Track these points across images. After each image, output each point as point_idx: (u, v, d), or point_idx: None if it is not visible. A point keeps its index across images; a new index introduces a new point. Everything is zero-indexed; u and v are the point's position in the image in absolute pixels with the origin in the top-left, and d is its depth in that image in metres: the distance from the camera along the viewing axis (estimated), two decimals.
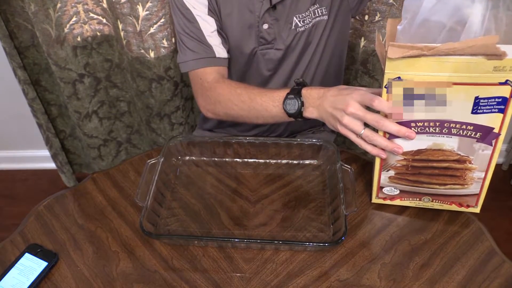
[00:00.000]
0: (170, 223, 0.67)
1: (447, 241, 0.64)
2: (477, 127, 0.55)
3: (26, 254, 0.62)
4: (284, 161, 0.77)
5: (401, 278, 0.59)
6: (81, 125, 1.24)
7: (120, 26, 1.02)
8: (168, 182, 0.72)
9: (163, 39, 1.04)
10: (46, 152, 1.38)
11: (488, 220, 0.62)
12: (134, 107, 1.27)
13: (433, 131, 0.57)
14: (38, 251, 0.62)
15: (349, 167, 0.67)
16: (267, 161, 0.77)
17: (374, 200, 0.68)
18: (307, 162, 0.77)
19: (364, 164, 0.77)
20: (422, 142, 0.59)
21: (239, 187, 0.73)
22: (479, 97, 0.53)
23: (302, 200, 0.70)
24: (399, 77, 0.53)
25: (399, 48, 0.51)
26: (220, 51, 0.80)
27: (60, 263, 0.62)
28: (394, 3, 0.96)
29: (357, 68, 1.10)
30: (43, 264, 0.61)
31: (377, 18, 0.98)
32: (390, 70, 0.53)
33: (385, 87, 0.54)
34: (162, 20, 1.01)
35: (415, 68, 0.52)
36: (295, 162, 0.77)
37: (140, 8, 0.98)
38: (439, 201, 0.65)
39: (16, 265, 0.61)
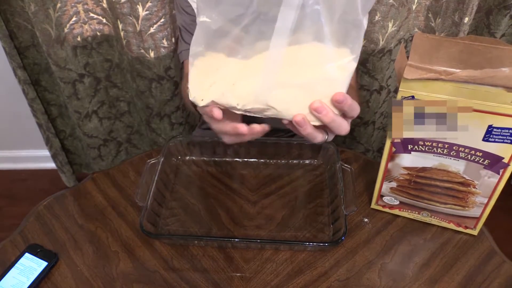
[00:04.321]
0: (170, 223, 0.67)
1: (447, 241, 0.64)
2: (486, 155, 0.54)
3: (26, 254, 0.62)
4: (284, 161, 0.77)
5: (401, 278, 0.59)
6: (81, 125, 1.24)
7: (120, 26, 1.02)
8: (168, 182, 0.72)
9: (163, 39, 1.04)
10: (46, 152, 1.38)
11: (488, 220, 0.62)
12: (134, 107, 1.27)
13: (441, 152, 0.56)
14: (38, 251, 0.62)
15: (349, 167, 0.67)
16: (267, 161, 0.77)
17: (373, 206, 0.68)
18: (307, 162, 0.77)
19: (364, 163, 0.77)
20: (428, 160, 0.58)
21: (239, 187, 0.73)
22: (493, 126, 0.51)
23: (302, 200, 0.70)
24: (412, 96, 0.53)
25: (417, 69, 0.50)
26: None
27: (60, 263, 0.62)
28: (394, 3, 0.96)
29: (357, 68, 1.10)
30: (43, 264, 0.61)
31: (377, 18, 0.98)
32: (404, 89, 0.52)
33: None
34: (162, 20, 1.01)
35: (430, 90, 0.51)
36: (295, 162, 0.77)
37: (140, 8, 0.98)
38: (438, 218, 0.65)
39: (16, 265, 0.61)
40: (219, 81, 0.47)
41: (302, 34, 0.44)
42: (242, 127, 0.47)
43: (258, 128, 0.48)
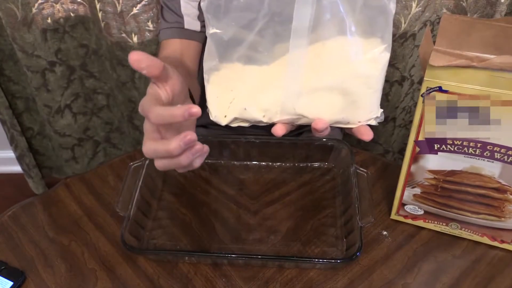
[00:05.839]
0: (157, 236, 0.67)
1: (479, 258, 0.64)
2: None
3: None
4: (289, 164, 0.77)
5: None
6: (52, 122, 1.24)
7: (98, 6, 1.03)
8: (155, 189, 0.72)
9: (148, 21, 1.04)
10: (10, 153, 1.38)
11: None
12: (114, 101, 1.27)
13: (473, 152, 0.56)
14: (2, 268, 0.63)
15: (365, 170, 0.68)
16: (270, 164, 0.77)
17: (393, 216, 0.68)
18: (316, 165, 0.77)
19: (383, 167, 0.77)
20: (457, 162, 0.58)
21: (237, 194, 0.73)
22: None
23: (311, 209, 0.70)
24: (440, 87, 0.53)
25: (445, 55, 0.50)
26: (191, 22, 0.79)
27: (27, 282, 0.62)
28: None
29: None
30: (8, 284, 0.61)
31: None
32: (430, 78, 0.52)
33: (421, 95, 0.54)
34: None
35: (460, 79, 0.51)
36: (302, 165, 0.77)
37: None
38: (469, 231, 0.65)
39: None
40: (239, 95, 0.49)
41: (323, 30, 0.45)
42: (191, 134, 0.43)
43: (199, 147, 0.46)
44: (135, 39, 1.07)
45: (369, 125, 0.50)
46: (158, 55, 0.81)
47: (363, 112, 0.48)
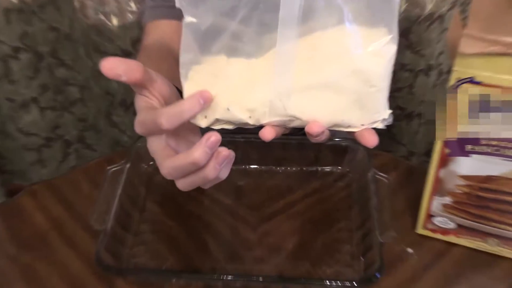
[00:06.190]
0: (138, 254, 0.67)
1: None
2: None
3: None
4: (295, 168, 0.77)
5: None
6: (15, 118, 1.24)
7: None
8: (136, 197, 0.72)
9: (129, 1, 1.04)
10: None
11: None
12: (90, 94, 1.27)
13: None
14: None
15: (385, 176, 0.68)
16: (273, 168, 0.77)
17: (420, 230, 0.68)
18: (327, 169, 0.77)
19: (406, 172, 0.77)
20: (494, 166, 0.58)
21: (234, 204, 0.73)
22: None
23: (321, 222, 0.70)
24: (471, 78, 0.52)
25: (477, 40, 0.50)
26: None
27: None
28: None
29: None
30: None
31: None
32: (460, 68, 0.52)
33: (450, 88, 0.54)
34: None
35: (495, 69, 0.51)
36: (311, 169, 0.77)
37: None
38: (510, 248, 0.65)
39: None
40: (221, 92, 0.49)
41: (316, 20, 0.46)
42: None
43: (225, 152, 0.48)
44: (114, 21, 1.07)
45: (376, 129, 0.50)
46: (142, 40, 0.80)
47: (367, 113, 0.49)
